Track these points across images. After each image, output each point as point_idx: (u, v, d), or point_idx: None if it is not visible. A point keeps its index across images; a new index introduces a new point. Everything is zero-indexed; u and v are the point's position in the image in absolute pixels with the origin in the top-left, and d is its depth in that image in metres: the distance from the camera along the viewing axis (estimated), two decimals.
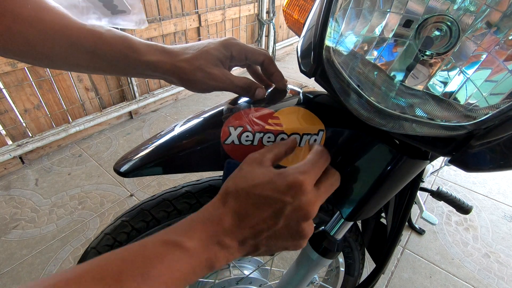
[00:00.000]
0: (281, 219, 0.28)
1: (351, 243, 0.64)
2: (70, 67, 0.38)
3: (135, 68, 0.38)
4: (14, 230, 1.31)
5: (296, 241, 0.30)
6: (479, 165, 0.31)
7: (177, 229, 0.27)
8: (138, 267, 0.23)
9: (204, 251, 0.26)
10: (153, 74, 0.39)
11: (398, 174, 0.36)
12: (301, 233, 0.30)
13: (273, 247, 0.30)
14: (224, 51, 0.40)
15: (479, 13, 0.25)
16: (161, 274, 0.24)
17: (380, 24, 0.29)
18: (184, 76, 0.38)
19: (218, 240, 0.27)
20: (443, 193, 1.08)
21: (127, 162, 0.39)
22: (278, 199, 0.28)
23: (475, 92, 0.27)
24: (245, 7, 2.59)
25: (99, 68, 0.38)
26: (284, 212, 0.28)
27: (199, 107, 2.31)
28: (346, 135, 0.38)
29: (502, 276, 1.18)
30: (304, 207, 0.28)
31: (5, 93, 1.51)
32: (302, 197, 0.28)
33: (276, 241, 0.30)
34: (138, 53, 0.37)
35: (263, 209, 0.28)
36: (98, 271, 0.23)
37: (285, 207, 0.28)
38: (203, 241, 0.27)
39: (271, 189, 0.28)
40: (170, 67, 0.38)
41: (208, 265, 0.27)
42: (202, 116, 0.41)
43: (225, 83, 0.39)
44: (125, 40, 0.37)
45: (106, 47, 0.36)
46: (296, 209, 0.28)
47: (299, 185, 0.28)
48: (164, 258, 0.24)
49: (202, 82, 0.39)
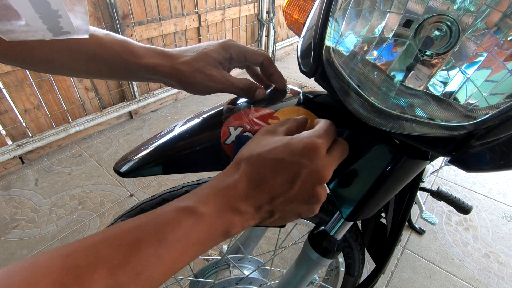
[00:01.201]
0: (297, 182, 0.28)
1: (351, 243, 0.64)
2: (70, 72, 0.38)
3: (134, 71, 0.38)
4: (14, 230, 1.31)
5: (310, 205, 0.30)
6: (479, 165, 0.31)
7: (191, 196, 0.27)
8: (155, 233, 0.23)
9: (220, 217, 0.26)
10: (153, 77, 0.39)
11: (398, 174, 0.36)
12: (316, 196, 0.29)
13: (287, 213, 0.30)
14: (223, 53, 0.40)
15: (479, 13, 0.25)
16: (178, 239, 0.24)
17: (380, 24, 0.29)
18: (183, 78, 0.38)
19: (233, 206, 0.27)
20: (443, 193, 1.08)
21: (127, 162, 0.39)
22: (295, 162, 0.28)
23: (475, 92, 0.27)
24: (245, 7, 2.59)
25: (98, 72, 0.38)
26: (300, 175, 0.28)
27: (199, 107, 2.31)
28: (346, 135, 0.38)
29: (502, 276, 1.18)
30: (320, 170, 0.29)
31: (5, 93, 1.51)
32: (318, 160, 0.29)
33: (291, 206, 0.29)
34: (137, 57, 0.37)
35: (279, 173, 0.28)
36: (114, 238, 0.23)
37: (301, 170, 0.28)
38: (218, 207, 0.26)
39: (287, 152, 0.29)
40: (169, 70, 0.38)
41: (224, 231, 0.27)
42: (202, 116, 0.41)
43: (225, 85, 0.39)
44: (124, 44, 0.37)
45: (105, 51, 0.36)
46: (312, 172, 0.28)
47: (316, 147, 0.29)
48: (180, 224, 0.24)
49: (202, 84, 0.39)
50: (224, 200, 0.27)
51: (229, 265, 0.72)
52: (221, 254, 1.00)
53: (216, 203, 0.27)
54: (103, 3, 1.70)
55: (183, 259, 0.24)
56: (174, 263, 0.24)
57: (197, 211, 0.25)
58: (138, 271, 0.22)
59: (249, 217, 0.28)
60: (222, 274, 0.70)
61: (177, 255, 0.24)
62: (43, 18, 0.22)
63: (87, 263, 0.21)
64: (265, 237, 1.30)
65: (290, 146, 0.29)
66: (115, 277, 0.21)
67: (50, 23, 0.23)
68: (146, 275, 0.22)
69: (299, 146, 0.29)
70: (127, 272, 0.21)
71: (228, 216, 0.27)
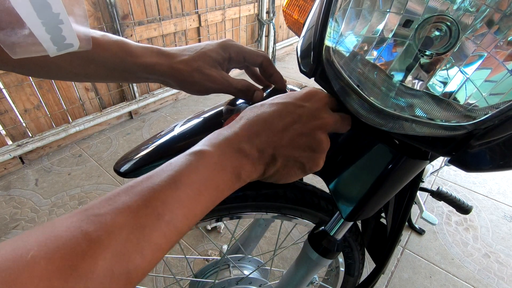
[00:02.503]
0: (298, 123, 0.29)
1: (351, 243, 0.64)
2: (67, 76, 0.38)
3: (132, 72, 0.38)
4: (14, 230, 1.31)
5: (312, 153, 0.30)
6: (478, 165, 0.31)
7: (199, 144, 0.28)
8: (170, 177, 0.24)
9: (228, 158, 0.27)
10: (151, 77, 0.39)
11: (398, 174, 0.36)
12: (318, 141, 0.30)
13: (290, 161, 0.30)
14: (222, 53, 0.40)
15: (479, 13, 0.25)
16: (193, 181, 0.24)
17: (380, 24, 0.29)
18: (181, 77, 0.38)
19: (239, 147, 0.28)
20: (443, 193, 1.08)
21: (127, 162, 0.39)
22: (296, 104, 0.30)
23: (475, 92, 0.27)
24: (245, 7, 2.59)
25: (96, 75, 0.38)
26: (302, 116, 0.29)
27: (199, 107, 2.31)
28: (346, 135, 0.38)
29: (502, 276, 1.18)
30: (320, 115, 0.30)
31: (5, 93, 1.51)
32: (319, 104, 0.30)
33: (293, 151, 0.30)
34: (135, 56, 0.37)
35: (281, 115, 0.29)
36: (132, 187, 0.23)
37: (302, 111, 0.29)
38: (224, 149, 0.27)
39: (290, 97, 0.30)
40: (167, 69, 0.38)
41: (234, 172, 0.27)
42: (202, 116, 0.41)
43: (223, 85, 0.39)
44: (121, 44, 0.37)
45: (102, 52, 0.36)
46: (313, 114, 0.30)
47: (316, 93, 0.31)
48: (192, 166, 0.25)
49: (200, 84, 0.38)
50: (230, 143, 0.28)
51: (229, 265, 0.72)
52: (221, 254, 1.00)
53: (222, 146, 0.28)
54: (103, 3, 1.70)
55: (201, 201, 0.25)
56: (194, 206, 0.24)
57: (206, 153, 0.26)
58: (159, 212, 0.22)
59: (255, 160, 0.29)
60: (222, 274, 0.70)
61: (195, 197, 0.24)
62: (46, 25, 0.22)
63: (107, 210, 0.21)
64: (265, 237, 1.30)
65: (293, 93, 0.31)
66: (137, 220, 0.21)
67: (53, 31, 0.23)
68: (168, 217, 0.22)
69: (302, 92, 0.31)
70: (148, 214, 0.22)
71: (235, 156, 0.28)
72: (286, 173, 0.31)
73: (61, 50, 0.25)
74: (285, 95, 0.31)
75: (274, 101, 0.31)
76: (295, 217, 0.57)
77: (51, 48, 0.24)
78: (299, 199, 0.54)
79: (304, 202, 0.55)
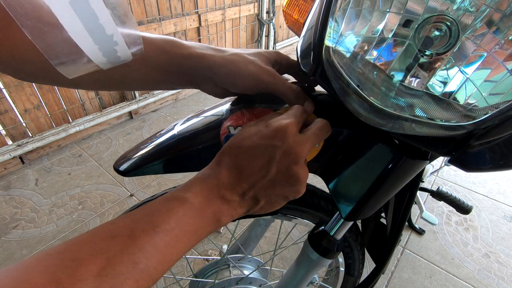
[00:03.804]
0: (273, 164, 0.30)
1: (351, 243, 0.64)
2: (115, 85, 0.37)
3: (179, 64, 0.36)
4: (14, 230, 1.31)
5: (292, 186, 0.31)
6: (478, 165, 0.31)
7: (179, 188, 0.28)
8: (149, 223, 0.24)
9: (209, 205, 0.27)
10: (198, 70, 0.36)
11: (398, 174, 0.36)
12: (295, 176, 0.30)
13: (273, 197, 0.31)
14: (277, 57, 0.40)
15: (479, 13, 0.25)
16: (171, 227, 0.24)
17: (380, 24, 0.29)
18: (235, 69, 0.35)
19: (220, 194, 0.28)
20: (443, 193, 1.08)
21: (127, 161, 0.39)
22: (267, 145, 0.30)
23: (475, 92, 0.27)
24: (245, 7, 2.59)
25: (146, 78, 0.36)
26: (275, 156, 0.29)
27: (199, 107, 2.31)
28: (346, 135, 0.38)
29: (502, 276, 1.18)
30: (293, 149, 0.30)
31: (5, 93, 1.51)
32: (289, 139, 0.30)
33: (273, 190, 0.30)
34: (183, 48, 0.36)
35: (255, 158, 0.30)
36: (108, 231, 0.23)
37: (275, 151, 0.29)
38: (206, 196, 0.28)
39: (259, 138, 0.30)
40: (219, 60, 0.36)
41: (214, 218, 0.28)
42: (202, 115, 0.41)
43: (279, 81, 0.36)
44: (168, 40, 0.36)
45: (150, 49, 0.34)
46: (285, 152, 0.30)
47: (283, 128, 0.30)
48: (172, 212, 0.25)
49: (254, 77, 0.36)
50: (210, 189, 0.28)
51: (229, 265, 0.72)
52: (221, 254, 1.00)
53: (203, 193, 0.28)
54: None
55: (178, 248, 0.25)
56: (170, 252, 0.24)
57: (187, 200, 0.27)
58: (135, 260, 0.22)
59: (236, 205, 0.29)
60: (222, 274, 0.70)
61: (172, 243, 0.24)
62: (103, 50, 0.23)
63: (82, 256, 0.20)
64: (265, 237, 1.30)
65: (261, 132, 0.31)
66: (112, 268, 0.21)
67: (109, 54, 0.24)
68: (143, 264, 0.22)
69: (269, 130, 0.30)
70: (124, 262, 0.21)
71: (216, 203, 0.28)
72: (270, 207, 0.32)
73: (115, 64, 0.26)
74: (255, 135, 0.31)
75: (244, 143, 0.31)
76: (295, 217, 0.57)
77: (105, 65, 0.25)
78: (299, 199, 0.54)
79: (304, 202, 0.55)
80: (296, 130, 0.31)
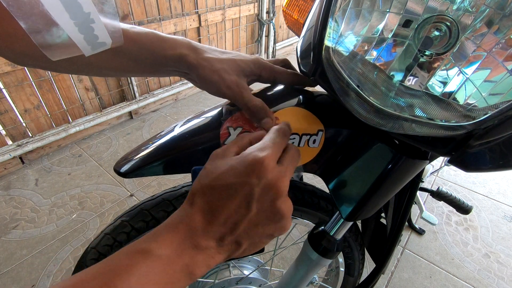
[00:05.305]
0: (253, 203, 0.26)
1: (351, 243, 0.64)
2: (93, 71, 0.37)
3: (162, 64, 0.37)
4: (14, 230, 1.31)
5: (277, 223, 0.28)
6: (478, 165, 0.31)
7: (145, 238, 0.25)
8: (108, 280, 0.21)
9: (179, 256, 0.24)
10: (179, 68, 0.38)
11: (398, 174, 0.36)
12: (278, 213, 0.27)
13: (257, 238, 0.28)
14: (254, 68, 0.38)
15: (478, 13, 0.25)
16: (132, 287, 0.21)
17: (380, 24, 0.29)
18: (202, 74, 0.36)
19: (192, 243, 0.25)
20: (443, 193, 1.08)
21: (127, 162, 0.39)
22: (243, 183, 0.26)
23: (474, 92, 0.27)
24: (245, 7, 2.59)
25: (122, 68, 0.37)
26: (253, 195, 0.26)
27: (199, 107, 2.31)
28: (345, 135, 0.38)
29: (502, 276, 1.18)
30: (273, 184, 0.26)
31: (5, 93, 1.51)
32: (267, 174, 0.26)
33: (256, 230, 0.27)
34: (165, 48, 0.36)
35: (231, 199, 0.26)
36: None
37: (253, 189, 0.26)
38: (176, 246, 0.24)
39: (233, 175, 0.27)
40: (193, 62, 0.36)
41: (186, 271, 0.24)
42: (202, 116, 0.41)
43: (236, 95, 0.37)
44: (151, 36, 0.36)
45: (131, 45, 0.35)
46: (265, 188, 0.26)
47: (260, 162, 0.26)
48: (132, 269, 0.22)
49: (216, 86, 0.37)
50: (181, 238, 0.25)
51: (229, 265, 0.72)
52: None
53: (172, 242, 0.24)
54: None
55: None
56: None
57: (152, 252, 0.23)
58: None
59: (213, 253, 0.26)
60: (222, 274, 0.70)
61: None
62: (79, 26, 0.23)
63: None
64: None
65: (235, 168, 0.27)
66: None
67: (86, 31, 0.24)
68: None
69: (243, 165, 0.27)
70: None
71: (188, 254, 0.25)
72: (254, 248, 0.29)
73: (95, 49, 0.25)
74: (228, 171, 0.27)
75: (218, 182, 0.27)
76: (295, 217, 0.57)
77: (86, 48, 0.25)
78: (299, 199, 0.54)
79: (304, 202, 0.55)
80: (274, 162, 0.28)
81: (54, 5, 0.21)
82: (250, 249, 0.29)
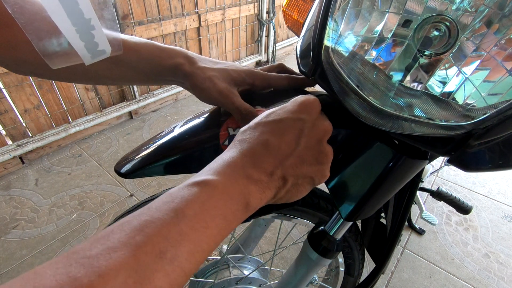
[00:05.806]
0: (302, 138, 0.28)
1: (350, 243, 0.64)
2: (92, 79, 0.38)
3: (159, 73, 0.39)
4: (14, 230, 1.31)
5: (320, 165, 0.30)
6: (478, 165, 0.31)
7: (200, 173, 0.26)
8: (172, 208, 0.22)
9: (234, 185, 0.25)
10: (175, 78, 0.40)
11: (397, 174, 0.36)
12: (323, 152, 0.30)
13: (300, 178, 0.29)
14: (246, 78, 0.40)
15: (478, 13, 0.25)
16: (196, 213, 0.22)
17: (379, 24, 0.29)
18: (195, 82, 0.38)
19: (245, 173, 0.26)
20: (443, 193, 1.08)
21: (127, 163, 0.39)
22: (294, 118, 0.29)
23: (474, 92, 0.27)
24: (245, 7, 2.59)
25: (120, 78, 0.38)
26: (303, 130, 0.29)
27: (198, 108, 2.31)
28: (345, 135, 0.38)
29: (502, 276, 1.18)
30: (321, 124, 0.30)
31: (5, 93, 1.51)
32: (316, 114, 0.30)
33: (302, 168, 0.29)
34: (163, 58, 0.38)
35: (282, 133, 0.28)
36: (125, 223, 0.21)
37: (304, 125, 0.29)
38: (230, 176, 0.25)
39: (285, 112, 0.29)
40: (188, 71, 0.38)
41: (243, 201, 0.25)
42: (202, 117, 0.41)
43: (227, 99, 0.38)
44: (149, 46, 0.38)
45: (130, 55, 0.36)
46: (313, 125, 0.29)
47: (311, 102, 0.30)
48: (195, 196, 0.23)
49: (207, 92, 0.38)
50: (235, 169, 0.26)
51: (229, 265, 0.72)
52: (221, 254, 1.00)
53: (226, 173, 0.25)
54: None
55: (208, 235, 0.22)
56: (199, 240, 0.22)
57: (209, 182, 0.24)
58: (162, 249, 0.20)
59: (264, 186, 0.27)
60: (222, 274, 0.71)
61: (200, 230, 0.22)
62: (80, 33, 0.24)
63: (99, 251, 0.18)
64: (265, 237, 1.30)
65: (287, 107, 0.30)
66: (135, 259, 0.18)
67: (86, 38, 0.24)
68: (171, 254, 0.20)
69: (295, 104, 0.30)
70: (148, 252, 0.19)
71: (242, 182, 0.25)
72: (296, 191, 0.30)
73: (95, 57, 0.26)
74: (279, 110, 0.30)
75: (269, 118, 0.29)
76: (295, 217, 0.57)
77: (86, 56, 0.25)
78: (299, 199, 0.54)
79: (303, 202, 0.55)
80: (319, 109, 0.31)
81: (57, 11, 0.22)
82: (291, 192, 0.30)
